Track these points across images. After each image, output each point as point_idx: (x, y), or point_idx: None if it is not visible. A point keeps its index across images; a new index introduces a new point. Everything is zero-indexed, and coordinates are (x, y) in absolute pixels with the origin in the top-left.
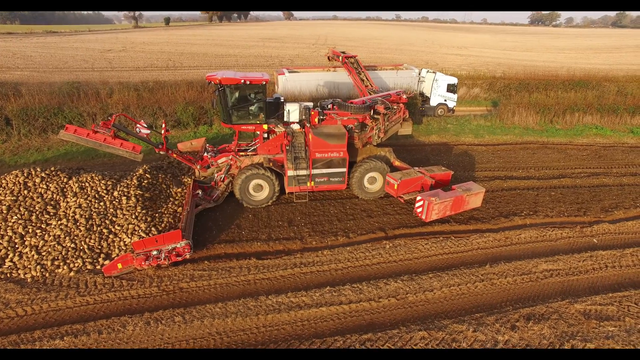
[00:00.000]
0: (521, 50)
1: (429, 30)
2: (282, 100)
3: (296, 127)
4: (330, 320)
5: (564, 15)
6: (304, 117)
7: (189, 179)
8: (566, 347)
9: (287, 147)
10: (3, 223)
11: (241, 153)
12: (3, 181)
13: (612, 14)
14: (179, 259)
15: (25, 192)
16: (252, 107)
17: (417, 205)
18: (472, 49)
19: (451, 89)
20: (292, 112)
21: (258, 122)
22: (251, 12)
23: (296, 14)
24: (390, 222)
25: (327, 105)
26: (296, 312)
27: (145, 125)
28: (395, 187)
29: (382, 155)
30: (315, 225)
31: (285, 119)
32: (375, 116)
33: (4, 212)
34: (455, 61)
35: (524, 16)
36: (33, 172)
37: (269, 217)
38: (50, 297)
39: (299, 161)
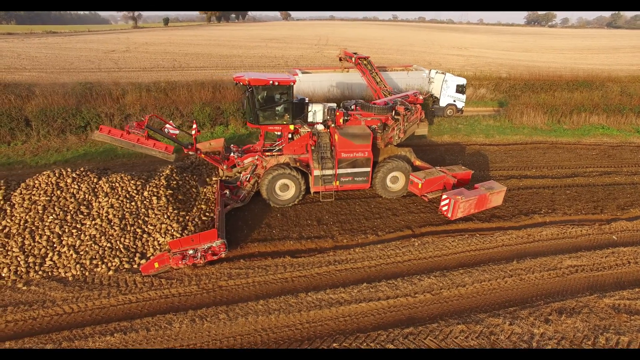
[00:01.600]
0: (520, 51)
1: (427, 31)
2: (307, 101)
3: (320, 127)
4: (370, 316)
5: (560, 15)
6: (328, 117)
7: (213, 179)
8: (601, 340)
9: (313, 148)
10: (40, 223)
11: (267, 153)
12: (36, 182)
13: (607, 14)
14: (215, 257)
15: (59, 192)
16: (279, 108)
17: (442, 203)
18: (473, 49)
19: (460, 89)
20: (317, 112)
21: (285, 122)
22: (249, 13)
23: (293, 14)
24: (415, 220)
25: (351, 106)
26: (337, 308)
27: (174, 126)
28: (420, 186)
29: (403, 155)
30: (344, 223)
31: (309, 120)
32: (396, 117)
33: (40, 212)
34: (458, 62)
35: (520, 16)
36: (64, 173)
37: (298, 216)
38: (93, 295)
39: (325, 161)
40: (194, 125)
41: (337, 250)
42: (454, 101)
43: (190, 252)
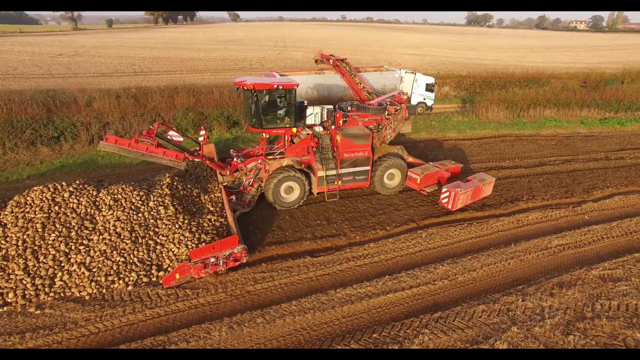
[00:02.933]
0: (467, 50)
1: (378, 31)
2: (305, 104)
3: (319, 129)
4: (399, 305)
5: (496, 16)
6: (326, 119)
7: (213, 186)
8: (597, 306)
9: (314, 149)
10: (42, 242)
11: (269, 157)
12: (28, 198)
13: (534, 16)
14: (236, 264)
15: (57, 208)
16: (282, 111)
17: (442, 196)
18: (425, 48)
19: (429, 88)
20: (316, 115)
21: (287, 125)
22: (197, 14)
23: (242, 15)
24: (416, 213)
25: (347, 108)
26: (367, 301)
27: (178, 133)
28: (418, 182)
29: (396, 152)
30: (352, 221)
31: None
32: (388, 116)
33: (40, 230)
34: (415, 61)
35: (461, 16)
36: (60, 187)
37: (306, 217)
38: (117, 313)
39: (327, 162)
40: (203, 132)
41: (352, 246)
42: (424, 99)
43: (212, 260)
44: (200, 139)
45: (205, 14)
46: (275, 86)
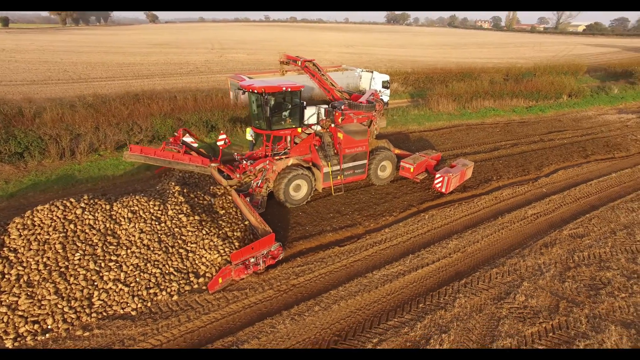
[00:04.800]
0: (396, 47)
1: (311, 31)
2: (304, 105)
3: (317, 127)
4: (430, 278)
5: (412, 15)
6: (324, 118)
7: (218, 190)
8: (575, 258)
9: (317, 147)
10: (67, 262)
11: (276, 157)
12: (35, 219)
13: (446, 16)
14: (274, 261)
15: (72, 226)
16: (288, 113)
17: (436, 181)
18: (360, 47)
19: (385, 85)
20: (312, 114)
21: (293, 126)
22: (111, 14)
23: (161, 16)
24: (413, 199)
25: (341, 107)
26: (402, 278)
27: (192, 139)
28: (412, 170)
29: (384, 146)
30: (361, 211)
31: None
32: (374, 112)
33: (60, 251)
34: (353, 59)
35: (380, 15)
36: (69, 204)
37: (318, 212)
38: (173, 323)
39: (330, 158)
40: (224, 136)
41: (370, 233)
42: (382, 96)
43: (252, 260)
44: (220, 143)
45: (119, 15)
46: (284, 89)
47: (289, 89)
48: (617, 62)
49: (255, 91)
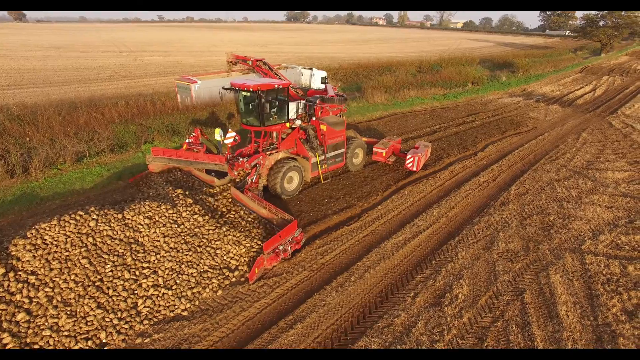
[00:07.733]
0: (304, 45)
1: (219, 31)
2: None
3: (299, 122)
4: (430, 241)
5: (311, 13)
6: (303, 112)
7: (212, 190)
8: (526, 210)
9: (302, 140)
10: (99, 275)
11: (267, 152)
12: (45, 237)
13: (343, 13)
14: (299, 246)
15: (90, 239)
16: (277, 109)
17: (408, 161)
18: (272, 46)
19: (323, 80)
20: (292, 110)
21: (283, 121)
22: None
23: (29, 15)
24: (388, 179)
25: (316, 101)
26: (409, 243)
27: (200, 140)
28: (384, 155)
29: (354, 135)
30: (351, 194)
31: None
32: (345, 105)
33: (87, 265)
34: (270, 58)
35: (279, 14)
36: (79, 217)
37: (313, 199)
38: (229, 315)
39: (315, 149)
40: (233, 133)
41: (367, 212)
42: None
43: (281, 247)
44: (228, 141)
45: None
46: (275, 86)
47: (280, 86)
48: (498, 55)
49: (250, 89)
